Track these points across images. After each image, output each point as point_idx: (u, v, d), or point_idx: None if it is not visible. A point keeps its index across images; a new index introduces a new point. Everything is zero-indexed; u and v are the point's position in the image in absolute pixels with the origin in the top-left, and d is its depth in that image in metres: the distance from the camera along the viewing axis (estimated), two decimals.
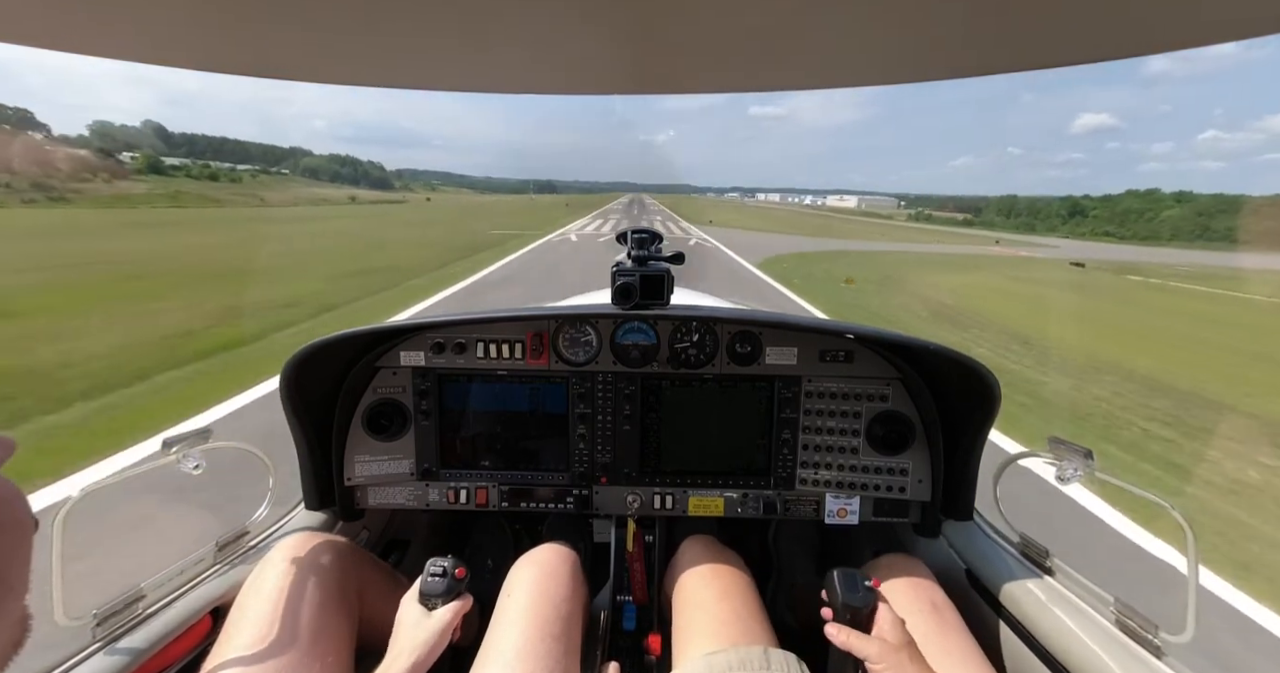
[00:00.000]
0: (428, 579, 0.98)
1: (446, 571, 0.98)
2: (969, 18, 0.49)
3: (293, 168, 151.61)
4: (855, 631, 0.86)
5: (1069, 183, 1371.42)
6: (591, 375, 1.33)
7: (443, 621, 0.94)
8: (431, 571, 0.98)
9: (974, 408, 1.15)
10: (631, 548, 1.35)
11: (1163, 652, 0.83)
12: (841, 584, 0.89)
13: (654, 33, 0.53)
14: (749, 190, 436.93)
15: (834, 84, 0.68)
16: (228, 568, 1.08)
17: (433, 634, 0.92)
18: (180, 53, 0.59)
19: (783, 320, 1.29)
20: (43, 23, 0.48)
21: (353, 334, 1.20)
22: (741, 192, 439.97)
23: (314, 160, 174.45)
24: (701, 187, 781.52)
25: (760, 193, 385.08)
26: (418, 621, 0.94)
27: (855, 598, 0.88)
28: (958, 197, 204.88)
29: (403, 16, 0.48)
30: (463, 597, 0.99)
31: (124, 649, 0.86)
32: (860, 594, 0.88)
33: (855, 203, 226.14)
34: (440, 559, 1.00)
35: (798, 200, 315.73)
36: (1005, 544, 1.16)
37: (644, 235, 1.30)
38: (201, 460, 1.03)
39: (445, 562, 0.99)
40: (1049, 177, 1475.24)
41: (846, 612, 0.88)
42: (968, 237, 47.61)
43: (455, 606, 0.97)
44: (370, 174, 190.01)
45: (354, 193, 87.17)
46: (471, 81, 0.69)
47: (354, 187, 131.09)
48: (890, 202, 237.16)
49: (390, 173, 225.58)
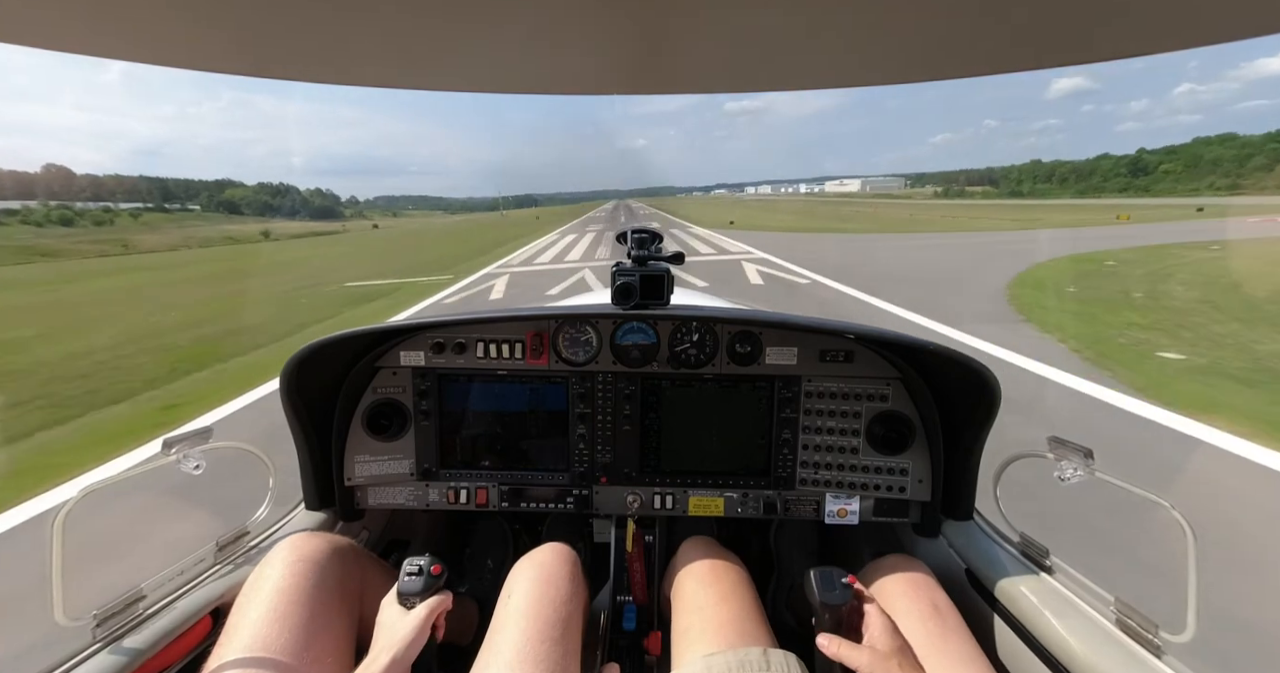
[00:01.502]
0: (404, 579, 0.98)
1: (423, 569, 0.98)
2: (969, 18, 0.49)
3: (206, 203, 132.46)
4: (846, 641, 0.86)
5: (1046, 149, 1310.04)
6: (591, 375, 1.33)
7: (418, 617, 0.93)
8: (408, 570, 0.98)
9: (974, 408, 1.15)
10: (631, 548, 1.35)
11: (1163, 651, 0.83)
12: (819, 584, 0.90)
13: (654, 33, 0.53)
14: (736, 186, 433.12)
15: (834, 84, 0.68)
16: (228, 568, 1.08)
17: (411, 631, 0.91)
18: (180, 53, 0.59)
19: (783, 320, 1.29)
20: (42, 23, 0.48)
21: (353, 334, 1.20)
22: (729, 188, 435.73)
23: (239, 192, 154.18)
24: (684, 187, 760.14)
25: (750, 187, 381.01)
26: (396, 619, 0.94)
27: (832, 596, 0.88)
28: (968, 170, 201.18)
29: (402, 16, 0.48)
30: (441, 593, 0.99)
31: (124, 650, 0.86)
32: (837, 592, 0.88)
33: (859, 186, 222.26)
34: (417, 558, 1.00)
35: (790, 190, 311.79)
36: (1005, 544, 1.16)
37: (644, 235, 1.30)
38: (201, 461, 1.03)
39: (421, 560, 0.99)
40: (1028, 144, 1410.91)
41: (825, 611, 0.88)
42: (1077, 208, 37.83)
43: (433, 601, 0.96)
44: (311, 204, 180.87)
45: (273, 227, 78.81)
46: (472, 81, 0.69)
47: (290, 219, 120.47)
48: (896, 182, 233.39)
49: (344, 201, 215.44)
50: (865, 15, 0.49)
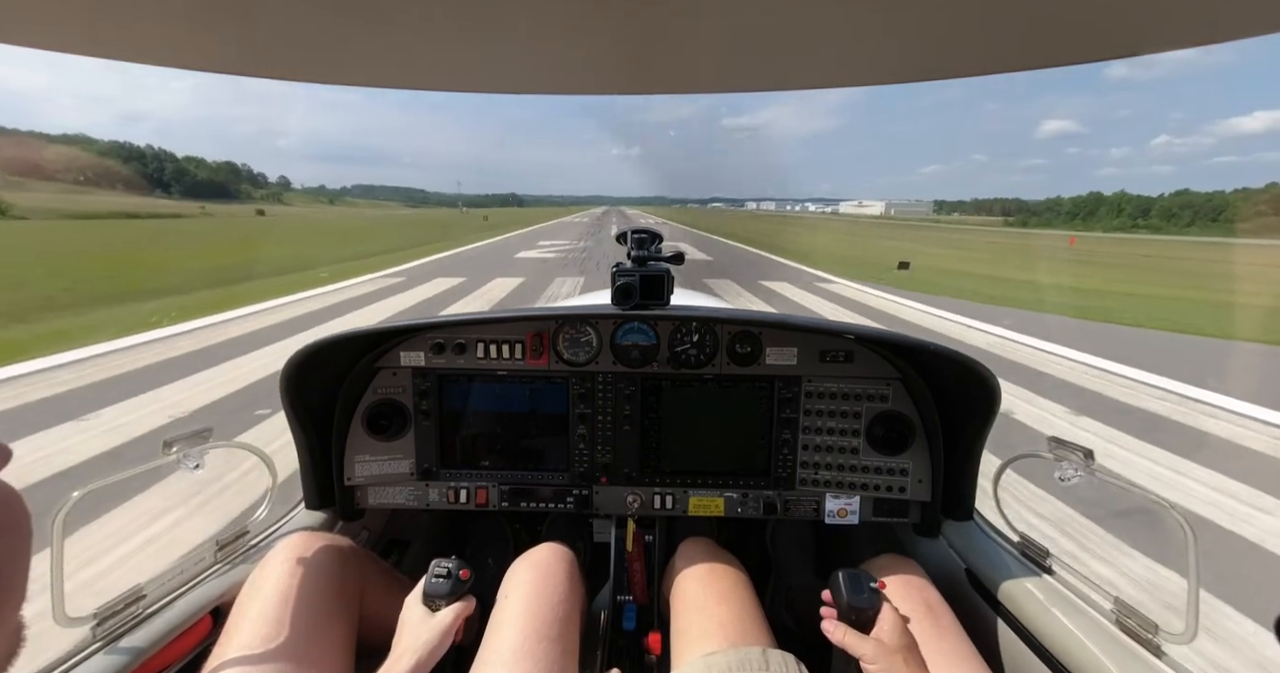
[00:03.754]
0: (432, 580, 0.98)
1: (451, 572, 0.99)
2: (969, 18, 0.49)
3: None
4: (852, 630, 0.86)
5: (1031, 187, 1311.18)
6: (591, 376, 1.33)
7: (445, 622, 0.94)
8: (436, 572, 0.99)
9: (974, 408, 1.15)
10: (631, 548, 1.35)
11: (1162, 651, 0.83)
12: (847, 586, 0.89)
13: (654, 33, 0.53)
14: (736, 201, 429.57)
15: (834, 84, 0.68)
16: (228, 568, 1.08)
17: (436, 635, 0.92)
18: (180, 53, 0.59)
19: (783, 321, 1.28)
20: (42, 23, 0.48)
21: (353, 335, 1.20)
22: (726, 202, 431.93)
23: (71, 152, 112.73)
24: (681, 199, 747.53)
25: (750, 203, 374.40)
26: (422, 621, 0.95)
27: (861, 600, 0.88)
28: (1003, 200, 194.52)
29: (402, 16, 0.48)
30: (466, 598, 0.99)
31: (124, 649, 0.86)
32: (866, 596, 0.88)
33: (882, 209, 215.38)
34: (445, 561, 1.00)
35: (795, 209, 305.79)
36: (1005, 544, 1.16)
37: (644, 235, 1.30)
38: (201, 460, 1.03)
39: (450, 563, 1.00)
40: (1012, 181, 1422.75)
41: (851, 613, 0.88)
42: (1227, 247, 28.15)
43: (458, 607, 0.97)
44: (191, 174, 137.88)
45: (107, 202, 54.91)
46: (471, 81, 0.69)
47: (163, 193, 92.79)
48: (924, 207, 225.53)
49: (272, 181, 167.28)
50: (866, 15, 0.49)
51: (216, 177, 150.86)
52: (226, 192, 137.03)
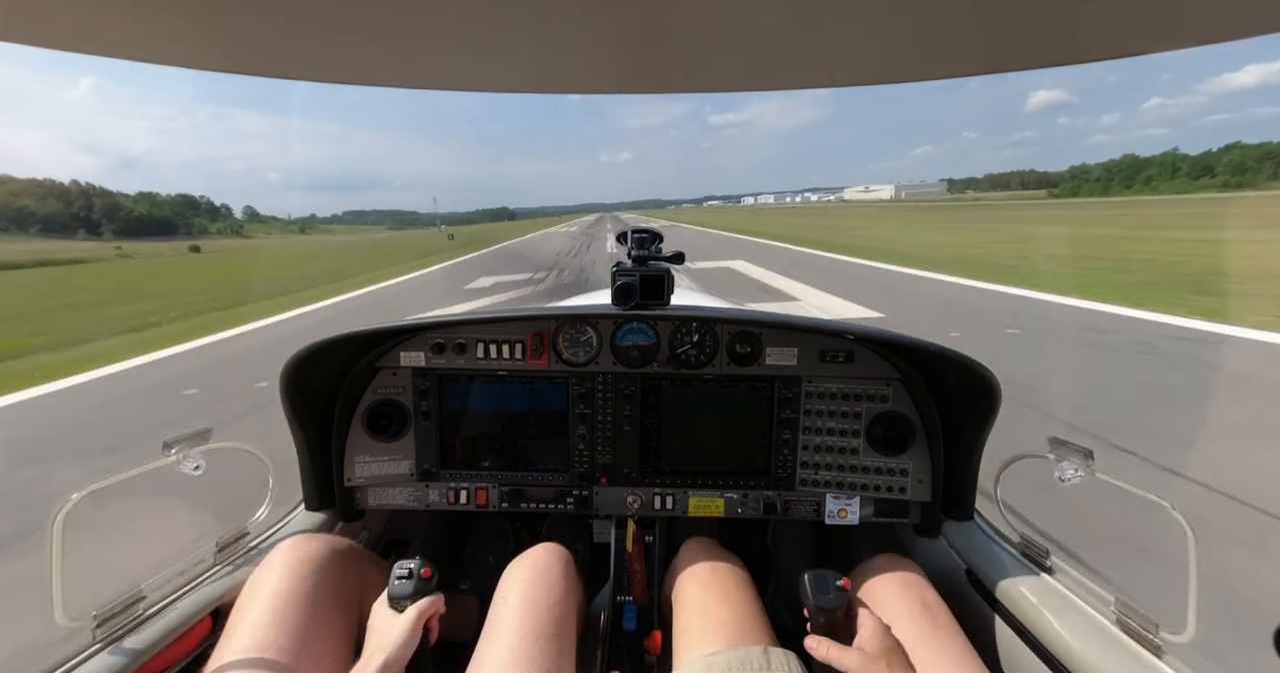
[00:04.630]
0: (394, 582, 0.98)
1: (413, 572, 0.98)
2: (968, 18, 0.49)
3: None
4: (835, 643, 0.86)
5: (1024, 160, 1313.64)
6: (591, 376, 1.33)
7: (408, 620, 0.93)
8: (397, 574, 0.98)
9: (974, 408, 1.15)
10: (631, 549, 1.35)
11: (1163, 651, 0.83)
12: (813, 588, 0.90)
13: (654, 33, 0.53)
14: (732, 197, 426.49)
15: (834, 84, 0.68)
16: (228, 569, 1.08)
17: (402, 633, 0.91)
18: (179, 53, 0.59)
19: (783, 321, 1.28)
20: (42, 23, 0.48)
21: (352, 335, 1.20)
22: (723, 200, 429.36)
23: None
24: (674, 200, 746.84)
25: (748, 197, 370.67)
26: (387, 623, 0.94)
27: (826, 600, 0.88)
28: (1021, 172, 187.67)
29: (402, 16, 0.48)
30: (433, 595, 0.99)
31: (124, 650, 0.86)
32: (831, 596, 0.88)
33: (891, 193, 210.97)
34: (407, 562, 1.00)
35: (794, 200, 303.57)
36: (1005, 544, 1.16)
37: (644, 235, 1.30)
38: (201, 461, 1.03)
39: (411, 564, 0.99)
40: (1004, 157, 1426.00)
41: (820, 615, 0.88)
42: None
43: (423, 604, 0.96)
44: (127, 210, 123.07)
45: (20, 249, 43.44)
46: (471, 81, 0.69)
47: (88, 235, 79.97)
48: (935, 187, 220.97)
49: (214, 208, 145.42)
50: (864, 15, 0.49)
51: (160, 212, 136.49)
52: (171, 228, 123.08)
